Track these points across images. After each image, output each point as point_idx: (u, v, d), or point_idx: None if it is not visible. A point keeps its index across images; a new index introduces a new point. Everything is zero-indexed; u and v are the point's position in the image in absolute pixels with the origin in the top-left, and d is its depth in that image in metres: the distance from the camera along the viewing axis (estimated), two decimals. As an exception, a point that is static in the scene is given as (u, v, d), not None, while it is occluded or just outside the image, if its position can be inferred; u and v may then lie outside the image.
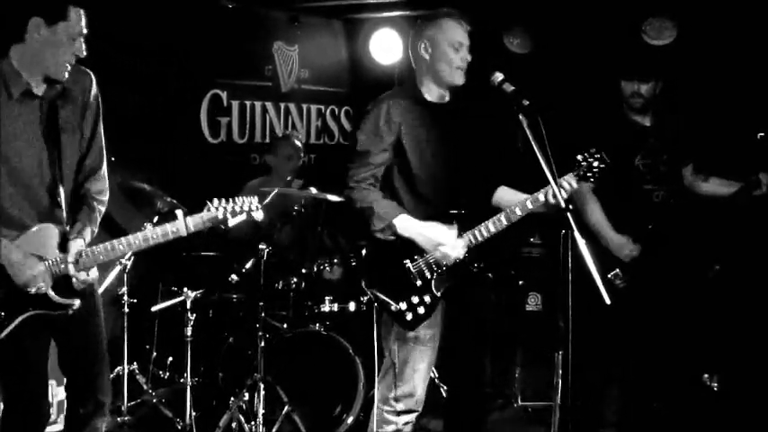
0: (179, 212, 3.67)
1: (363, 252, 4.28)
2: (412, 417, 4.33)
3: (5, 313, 3.62)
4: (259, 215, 3.70)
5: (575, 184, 4.08)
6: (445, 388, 5.45)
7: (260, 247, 5.40)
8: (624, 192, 4.99)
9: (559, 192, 3.78)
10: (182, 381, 5.30)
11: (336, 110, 8.07)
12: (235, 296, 5.80)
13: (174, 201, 5.41)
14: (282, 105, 7.61)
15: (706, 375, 5.83)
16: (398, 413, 4.29)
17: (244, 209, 3.66)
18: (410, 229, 4.12)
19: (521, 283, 6.44)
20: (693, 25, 6.25)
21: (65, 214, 3.69)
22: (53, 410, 5.07)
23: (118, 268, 5.44)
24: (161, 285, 5.79)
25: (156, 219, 5.20)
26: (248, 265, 5.58)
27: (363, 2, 7.16)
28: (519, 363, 6.24)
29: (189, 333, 5.32)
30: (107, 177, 3.92)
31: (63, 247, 3.67)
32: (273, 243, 5.57)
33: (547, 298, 6.34)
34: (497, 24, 7.00)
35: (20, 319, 3.64)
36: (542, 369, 5.80)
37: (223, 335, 5.79)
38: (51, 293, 3.64)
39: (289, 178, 6.35)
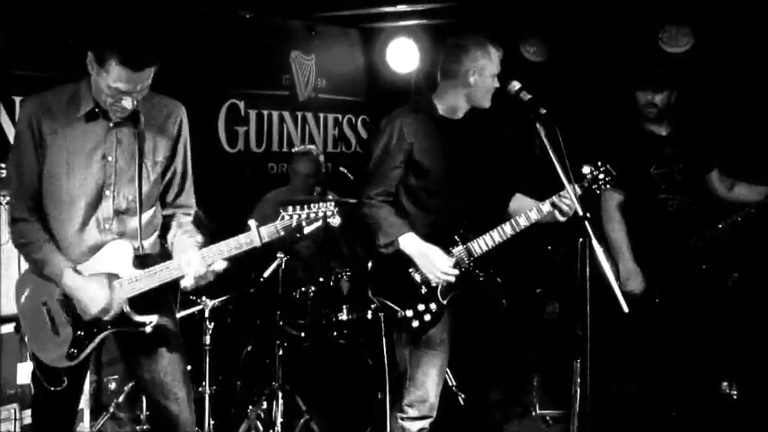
0: (251, 223, 3.59)
1: (369, 263, 4.34)
2: (426, 423, 4.38)
3: (84, 333, 3.64)
4: (336, 221, 3.63)
5: (575, 197, 4.13)
6: (463, 396, 5.46)
7: (278, 255, 5.42)
8: (639, 201, 5.00)
9: (576, 200, 3.80)
10: (200, 389, 5.31)
11: (353, 119, 8.09)
12: (253, 305, 5.81)
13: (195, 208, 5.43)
14: (299, 114, 7.64)
15: (725, 383, 5.81)
16: (412, 419, 4.34)
17: (319, 215, 3.59)
18: (411, 248, 4.23)
19: (539, 290, 6.43)
20: (710, 32, 6.23)
21: (140, 236, 3.69)
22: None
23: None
24: (179, 294, 5.80)
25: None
26: (266, 274, 5.59)
27: (380, 11, 7.17)
28: (537, 371, 6.23)
29: (207, 341, 5.34)
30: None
31: (137, 264, 3.66)
32: (293, 252, 5.58)
33: (565, 306, 6.32)
34: (514, 33, 7.00)
35: (99, 338, 3.66)
36: (561, 377, 5.79)
37: (241, 343, 5.81)
38: (128, 311, 3.64)
39: (304, 194, 6.33)
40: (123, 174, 3.65)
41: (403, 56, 7.51)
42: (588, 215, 3.65)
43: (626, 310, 3.51)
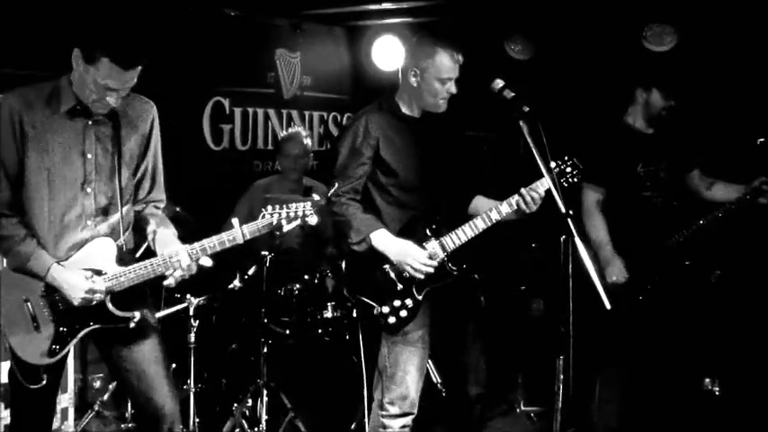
0: (235, 221, 3.70)
1: (343, 262, 4.35)
2: (408, 420, 4.40)
3: (67, 329, 3.64)
4: (313, 219, 3.73)
5: (542, 191, 4.18)
6: (446, 392, 5.48)
7: (262, 253, 5.42)
8: (624, 199, 5.02)
9: (560, 197, 3.81)
10: (185, 387, 5.31)
11: (339, 116, 8.09)
12: (237, 302, 5.81)
13: (178, 209, 5.43)
14: (285, 112, 7.63)
15: (707, 380, 5.84)
16: (394, 416, 4.36)
17: (298, 214, 3.70)
18: (384, 244, 4.25)
19: (523, 288, 6.45)
20: (694, 31, 6.26)
21: (121, 233, 3.71)
22: (56, 419, 5.10)
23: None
24: (164, 292, 5.79)
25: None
26: (251, 272, 5.59)
27: (365, 9, 7.18)
28: (521, 368, 6.25)
29: (192, 339, 5.34)
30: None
31: (121, 261, 3.68)
32: (279, 247, 5.58)
33: (549, 303, 6.34)
34: (499, 31, 7.02)
35: (81, 334, 3.67)
36: (545, 374, 5.81)
37: (226, 341, 5.81)
38: (111, 307, 3.65)
39: (295, 177, 6.36)
40: (102, 171, 3.67)
41: (388, 54, 7.52)
42: (571, 212, 3.67)
43: (608, 306, 3.54)
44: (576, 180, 4.32)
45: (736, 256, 5.82)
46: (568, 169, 4.30)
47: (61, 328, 3.63)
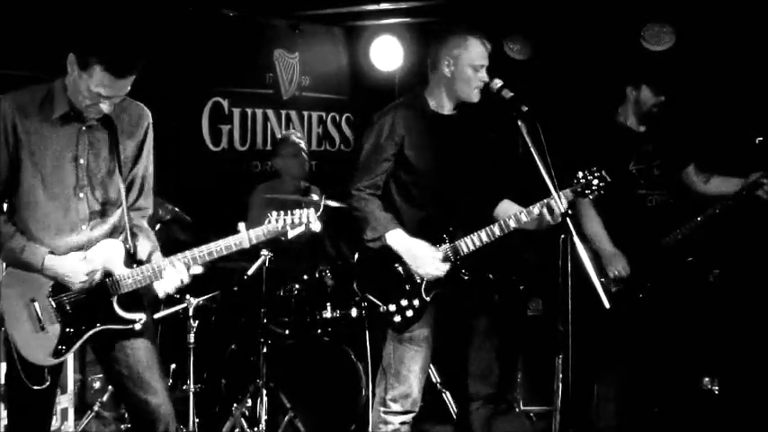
0: (241, 225, 3.73)
1: (356, 256, 4.35)
2: (409, 417, 4.41)
3: (73, 330, 3.65)
4: (317, 227, 3.75)
5: (566, 202, 4.06)
6: (448, 394, 5.50)
7: (262, 253, 5.42)
8: (619, 197, 5.02)
9: (559, 199, 3.82)
10: (185, 387, 5.31)
11: (337, 117, 8.09)
12: (237, 303, 5.82)
13: (177, 209, 5.43)
14: (283, 113, 7.63)
15: (706, 379, 5.85)
16: (395, 414, 4.37)
17: (302, 221, 3.71)
18: (398, 244, 4.25)
19: (522, 287, 6.45)
20: (692, 30, 6.27)
21: (127, 235, 3.72)
22: (56, 419, 5.10)
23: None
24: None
25: (158, 227, 5.21)
26: (250, 272, 5.59)
27: (363, 9, 7.18)
28: (521, 368, 6.25)
29: (191, 340, 5.33)
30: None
31: (128, 263, 3.70)
32: (281, 246, 5.58)
33: (548, 302, 6.34)
34: (497, 30, 7.03)
35: (88, 335, 3.67)
36: (544, 374, 5.80)
37: (226, 341, 5.81)
38: (118, 309, 3.66)
39: (294, 175, 6.37)
40: (94, 176, 3.67)
41: (387, 54, 7.53)
42: (570, 212, 3.67)
43: (607, 306, 3.54)
44: (602, 193, 4.20)
45: (735, 255, 5.83)
46: (595, 181, 4.18)
47: (67, 329, 3.63)
